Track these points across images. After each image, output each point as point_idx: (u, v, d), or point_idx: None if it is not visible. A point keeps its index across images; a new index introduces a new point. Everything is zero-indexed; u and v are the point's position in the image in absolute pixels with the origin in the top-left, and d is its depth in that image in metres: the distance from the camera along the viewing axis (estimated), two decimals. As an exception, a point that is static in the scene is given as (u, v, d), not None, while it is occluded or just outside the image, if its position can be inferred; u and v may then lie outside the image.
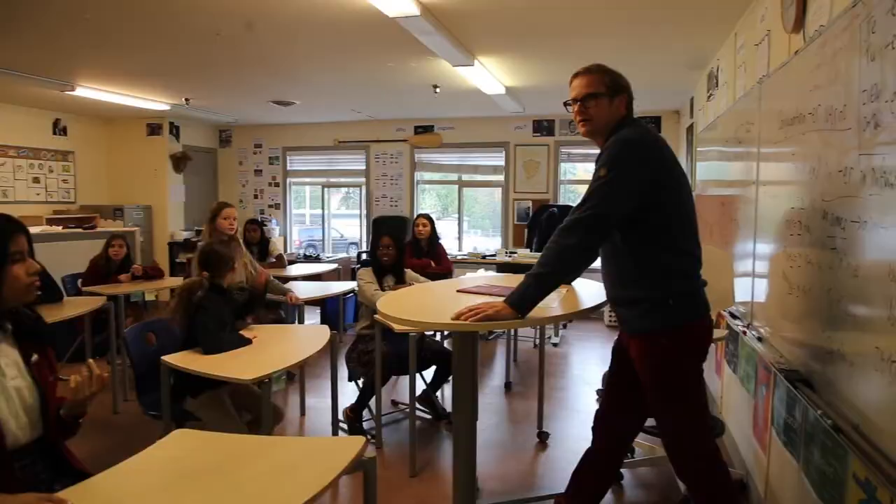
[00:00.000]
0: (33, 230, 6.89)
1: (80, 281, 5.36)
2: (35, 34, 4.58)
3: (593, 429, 2.59)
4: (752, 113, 3.11)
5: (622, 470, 3.46)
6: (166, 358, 2.86)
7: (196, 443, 1.82)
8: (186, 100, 7.38)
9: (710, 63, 5.14)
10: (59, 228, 7.41)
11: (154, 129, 8.90)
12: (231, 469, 1.62)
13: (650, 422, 2.48)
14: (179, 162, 9.02)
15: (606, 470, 2.60)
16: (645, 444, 3.65)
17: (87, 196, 8.76)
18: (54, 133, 8.33)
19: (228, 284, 3.30)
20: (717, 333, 3.52)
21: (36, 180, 8.10)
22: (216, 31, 4.46)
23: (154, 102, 7.42)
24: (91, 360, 1.76)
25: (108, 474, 1.59)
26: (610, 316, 7.58)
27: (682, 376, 2.20)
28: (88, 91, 6.54)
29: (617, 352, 2.51)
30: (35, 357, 1.73)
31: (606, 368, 2.62)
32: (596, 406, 2.79)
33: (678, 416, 2.23)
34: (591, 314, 2.75)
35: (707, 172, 4.85)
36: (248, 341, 3.10)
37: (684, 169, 2.55)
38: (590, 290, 2.71)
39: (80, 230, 7.64)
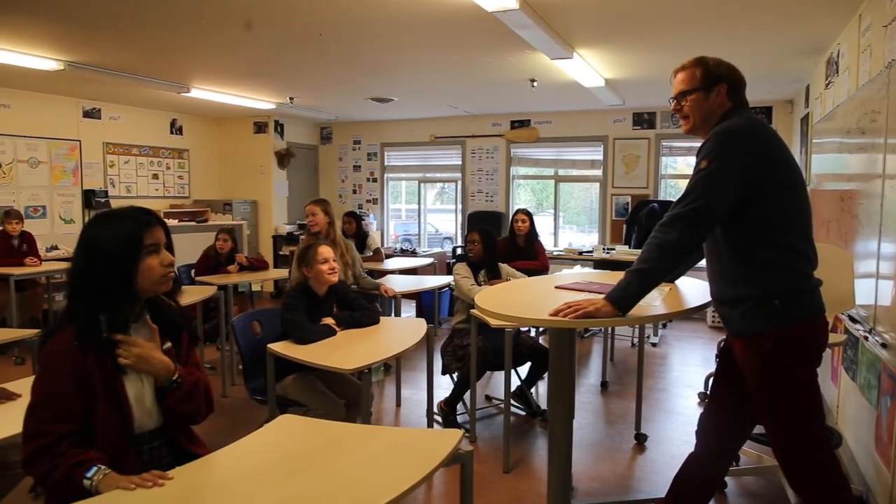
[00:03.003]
0: (152, 223, 7.48)
1: (192, 271, 5.70)
2: (155, 39, 4.90)
3: (697, 433, 2.48)
4: (879, 101, 2.88)
5: (727, 478, 3.30)
6: (272, 346, 2.99)
7: (300, 428, 1.89)
8: (291, 99, 7.68)
9: (829, 48, 4.80)
10: (174, 222, 7.94)
11: (260, 128, 9.32)
12: (333, 455, 1.66)
13: (759, 428, 2.35)
14: (283, 158, 9.41)
15: (710, 477, 2.48)
16: (752, 453, 3.47)
17: (199, 191, 9.31)
18: (171, 132, 8.90)
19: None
20: (834, 338, 3.29)
21: (155, 177, 8.69)
22: (318, 32, 4.60)
23: (261, 102, 7.77)
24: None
25: (219, 454, 1.68)
26: (713, 316, 7.26)
27: (791, 381, 2.06)
28: (202, 92, 6.94)
29: (723, 353, 2.39)
30: (168, 345, 1.82)
31: (708, 371, 2.51)
32: (698, 409, 2.68)
33: (789, 424, 2.09)
34: (694, 314, 2.64)
35: (823, 165, 4.54)
36: (333, 332, 3.18)
37: (798, 162, 2.39)
38: (694, 288, 2.61)
39: (193, 223, 8.15)
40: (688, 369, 5.63)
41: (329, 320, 3.25)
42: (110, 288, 1.65)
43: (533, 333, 4.89)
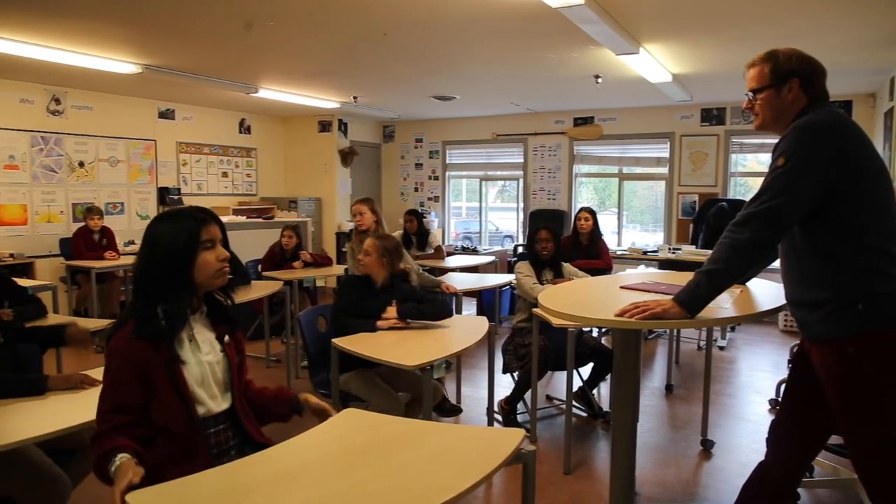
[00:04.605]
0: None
1: (259, 266, 5.87)
2: (226, 43, 5.06)
3: (768, 440, 2.38)
4: (973, 93, 2.70)
5: (799, 489, 3.16)
6: (336, 340, 3.04)
7: (363, 423, 1.91)
8: (355, 98, 7.80)
9: (916, 38, 4.54)
10: (242, 218, 8.19)
11: (325, 126, 9.50)
12: (396, 450, 1.68)
13: (835, 439, 2.24)
14: (347, 157, 9.55)
15: (781, 487, 2.38)
16: (827, 464, 3.31)
17: (266, 189, 9.57)
18: (240, 132, 9.18)
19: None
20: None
21: (224, 175, 8.98)
22: (383, 32, 4.65)
23: (325, 101, 7.92)
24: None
25: (284, 446, 1.72)
26: (786, 320, 6.98)
27: (874, 390, 1.94)
28: (269, 92, 7.12)
29: (798, 358, 2.28)
30: (227, 338, 1.91)
31: (780, 377, 2.41)
32: (769, 416, 2.57)
33: (870, 435, 1.98)
34: (765, 317, 2.53)
35: (909, 163, 4.30)
36: (372, 328, 3.19)
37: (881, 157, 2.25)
38: (766, 291, 2.51)
39: (260, 220, 8.38)
40: (758, 374, 5.43)
41: (392, 311, 3.27)
42: (169, 281, 1.74)
43: (595, 334, 4.82)
